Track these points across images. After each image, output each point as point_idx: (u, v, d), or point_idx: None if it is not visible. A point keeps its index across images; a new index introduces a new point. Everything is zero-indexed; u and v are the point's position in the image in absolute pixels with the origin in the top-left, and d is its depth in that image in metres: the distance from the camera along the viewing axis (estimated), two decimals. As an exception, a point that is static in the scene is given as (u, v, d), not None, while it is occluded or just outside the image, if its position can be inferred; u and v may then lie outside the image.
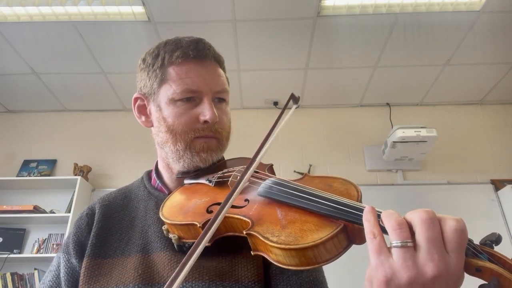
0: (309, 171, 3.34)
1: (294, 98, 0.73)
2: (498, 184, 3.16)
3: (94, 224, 0.76)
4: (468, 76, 3.26)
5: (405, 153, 3.14)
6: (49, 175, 3.35)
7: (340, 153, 3.46)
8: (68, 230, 2.91)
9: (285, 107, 0.71)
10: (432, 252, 0.39)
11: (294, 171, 3.31)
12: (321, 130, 3.57)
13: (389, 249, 0.41)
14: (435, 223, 0.40)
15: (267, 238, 0.49)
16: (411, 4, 2.54)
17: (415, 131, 2.89)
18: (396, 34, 2.79)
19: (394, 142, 2.99)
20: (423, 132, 2.88)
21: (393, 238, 0.41)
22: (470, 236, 0.42)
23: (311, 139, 3.50)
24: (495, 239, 0.43)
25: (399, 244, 0.40)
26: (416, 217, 0.41)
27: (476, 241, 0.43)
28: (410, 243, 0.40)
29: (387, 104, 3.64)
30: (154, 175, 0.84)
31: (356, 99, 3.60)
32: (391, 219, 0.42)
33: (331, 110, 3.64)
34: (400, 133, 2.90)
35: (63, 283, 0.72)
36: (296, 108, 0.73)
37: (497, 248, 0.43)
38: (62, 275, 0.73)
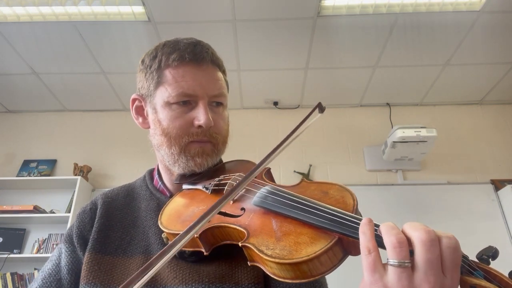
0: (309, 171, 3.34)
1: (320, 107, 0.71)
2: (498, 184, 3.16)
3: (96, 219, 0.76)
4: (468, 76, 3.26)
5: (405, 153, 3.14)
6: (49, 175, 3.35)
7: (340, 153, 3.46)
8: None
9: (310, 114, 0.69)
10: (429, 274, 0.38)
11: (294, 171, 3.31)
12: (321, 130, 3.57)
13: (384, 265, 0.40)
14: (436, 245, 0.39)
15: (262, 251, 0.49)
16: (411, 4, 2.54)
17: (415, 131, 2.89)
18: (396, 34, 2.79)
19: (394, 142, 2.98)
20: (423, 132, 2.88)
21: (391, 256, 0.39)
22: (470, 236, 0.41)
23: (311, 139, 3.50)
24: (492, 254, 0.41)
25: (396, 263, 0.39)
26: (416, 237, 0.40)
27: (476, 242, 0.43)
28: (408, 263, 0.39)
29: (387, 104, 3.64)
30: (156, 175, 0.84)
31: (356, 99, 3.60)
32: (391, 235, 0.40)
33: (331, 110, 3.64)
34: (400, 133, 2.90)
35: (65, 271, 0.72)
36: (320, 115, 0.71)
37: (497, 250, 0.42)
38: (64, 263, 0.73)
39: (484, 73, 3.22)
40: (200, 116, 0.70)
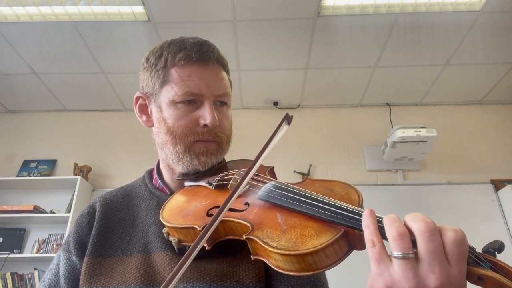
0: (309, 171, 3.34)
1: (288, 118, 0.70)
2: (498, 184, 3.16)
3: (95, 222, 0.76)
4: (468, 76, 3.26)
5: (405, 153, 3.14)
6: (49, 175, 3.35)
7: (340, 153, 3.46)
8: (68, 230, 2.91)
9: (279, 126, 0.68)
10: (433, 264, 0.38)
11: (294, 171, 3.31)
12: (321, 130, 3.57)
13: (390, 256, 0.41)
14: (436, 235, 0.40)
15: (266, 243, 0.49)
16: (411, 4, 2.54)
17: (415, 131, 2.89)
18: (396, 34, 2.79)
19: (394, 142, 2.98)
20: (423, 132, 2.88)
21: (394, 249, 0.40)
22: (470, 236, 0.41)
23: (311, 139, 3.50)
24: (498, 247, 0.42)
25: (400, 255, 0.39)
26: (416, 228, 0.40)
27: (476, 242, 0.43)
28: (412, 254, 0.39)
29: (387, 104, 3.64)
30: (156, 174, 0.84)
31: (356, 99, 3.60)
32: (393, 228, 0.41)
33: (331, 110, 3.64)
34: (400, 133, 2.90)
35: (62, 281, 0.72)
36: (288, 126, 0.70)
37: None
38: (61, 272, 0.73)
39: (484, 73, 3.22)
40: (206, 115, 0.71)
